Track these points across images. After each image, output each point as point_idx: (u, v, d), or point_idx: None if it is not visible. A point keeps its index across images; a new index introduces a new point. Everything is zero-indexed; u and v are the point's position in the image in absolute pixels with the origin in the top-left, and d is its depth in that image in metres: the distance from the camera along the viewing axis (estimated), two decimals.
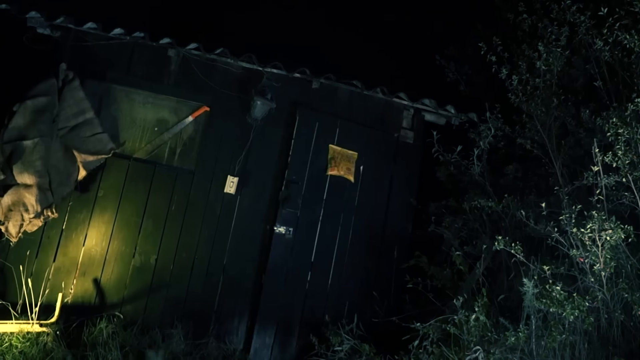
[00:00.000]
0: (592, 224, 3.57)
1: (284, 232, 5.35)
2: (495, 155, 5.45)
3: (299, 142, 5.53)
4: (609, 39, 4.09)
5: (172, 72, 5.57)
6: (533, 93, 4.73)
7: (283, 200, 5.35)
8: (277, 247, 5.36)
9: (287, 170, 5.42)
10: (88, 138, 5.24)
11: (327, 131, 5.63)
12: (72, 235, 5.23)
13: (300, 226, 5.44)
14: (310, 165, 5.53)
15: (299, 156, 5.50)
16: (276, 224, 5.36)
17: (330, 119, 5.64)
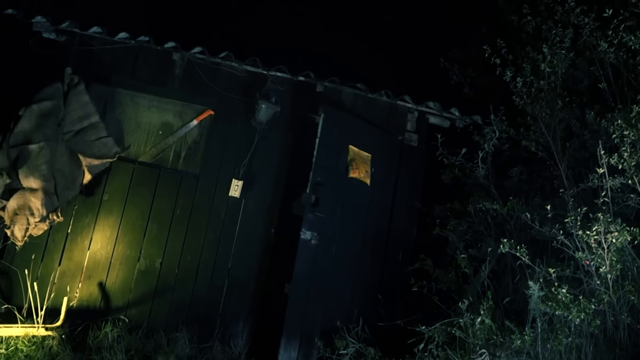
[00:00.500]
0: (598, 226, 3.55)
1: (309, 238, 5.11)
2: (499, 158, 5.43)
3: (323, 142, 5.30)
4: (613, 40, 4.08)
5: (177, 75, 5.58)
6: (537, 95, 4.72)
7: (308, 204, 5.13)
8: (302, 255, 5.08)
9: (312, 172, 5.18)
10: (93, 142, 5.25)
11: (346, 132, 5.48)
12: (78, 239, 5.25)
13: (324, 231, 5.22)
14: (332, 167, 5.35)
15: (322, 157, 5.28)
16: (302, 229, 5.09)
17: (349, 118, 5.54)
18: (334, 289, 5.28)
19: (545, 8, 5.08)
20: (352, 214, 5.43)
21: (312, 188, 5.17)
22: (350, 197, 5.41)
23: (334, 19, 6.52)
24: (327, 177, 5.25)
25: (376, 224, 5.62)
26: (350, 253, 5.40)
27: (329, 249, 5.24)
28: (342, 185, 5.36)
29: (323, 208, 5.17)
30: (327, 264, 5.22)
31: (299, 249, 5.04)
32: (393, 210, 5.73)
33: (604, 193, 3.78)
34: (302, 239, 5.07)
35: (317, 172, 5.21)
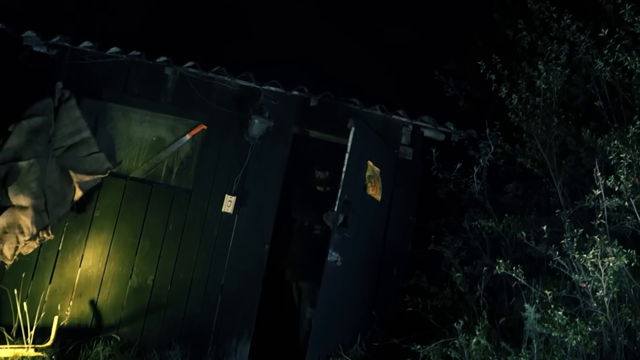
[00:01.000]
0: (595, 250, 3.51)
1: (335, 260, 4.90)
2: (495, 173, 5.39)
3: (353, 157, 5.06)
4: (609, 59, 4.04)
5: (169, 90, 5.52)
6: (533, 112, 4.68)
7: (336, 224, 4.92)
8: (328, 278, 4.85)
9: (340, 189, 4.93)
10: (84, 158, 5.19)
11: (367, 146, 5.31)
12: (69, 256, 5.18)
13: (347, 251, 5.04)
14: (357, 184, 5.19)
15: (350, 173, 5.05)
16: (329, 250, 4.86)
17: (371, 132, 5.41)
18: (345, 308, 5.17)
19: (540, 23, 5.05)
20: (363, 230, 5.34)
21: (340, 206, 4.94)
22: (365, 214, 5.32)
23: (328, 32, 6.46)
24: (353, 195, 5.10)
25: (374, 239, 5.57)
26: (358, 270, 5.33)
27: (348, 268, 5.08)
28: (360, 203, 5.23)
29: (350, 228, 5.03)
30: (344, 284, 5.11)
31: (325, 272, 4.81)
32: (388, 225, 5.69)
33: (600, 215, 3.74)
34: (328, 261, 4.85)
35: (345, 190, 4.98)
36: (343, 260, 5.00)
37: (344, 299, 5.13)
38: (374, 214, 5.47)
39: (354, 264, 5.22)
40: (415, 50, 6.45)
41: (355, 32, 6.53)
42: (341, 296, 5.08)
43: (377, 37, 6.53)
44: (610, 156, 3.83)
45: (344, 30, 6.47)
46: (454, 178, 5.38)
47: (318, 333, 4.84)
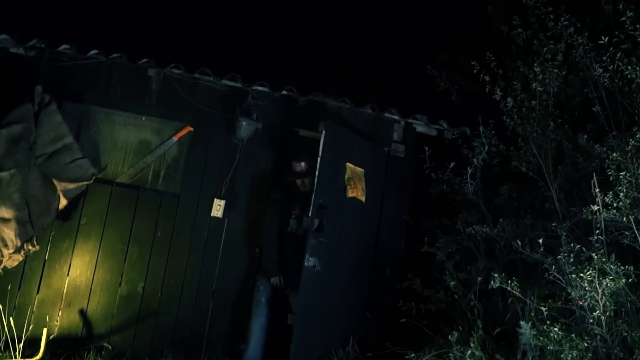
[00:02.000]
0: (592, 270, 3.45)
1: (312, 265, 4.87)
2: (489, 173, 5.29)
3: (325, 161, 4.97)
4: (609, 66, 3.91)
5: (153, 91, 5.35)
6: (529, 115, 4.56)
7: (311, 229, 4.86)
8: (306, 283, 4.83)
9: (314, 195, 4.88)
10: (68, 164, 5.04)
11: (344, 148, 5.20)
12: (56, 265, 5.08)
13: (326, 256, 4.98)
14: (333, 187, 5.08)
15: (324, 177, 4.97)
16: (305, 256, 4.82)
17: (347, 133, 5.26)
18: (331, 311, 5.12)
19: (536, 20, 4.88)
20: (348, 232, 5.26)
21: (314, 212, 4.89)
22: (347, 216, 5.22)
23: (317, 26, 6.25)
24: (329, 199, 5.01)
25: (364, 239, 5.49)
26: (344, 272, 5.25)
27: (329, 272, 5.04)
28: (341, 206, 5.13)
29: (327, 232, 4.95)
30: (326, 288, 5.05)
31: (303, 278, 4.79)
32: (380, 224, 5.60)
33: (598, 231, 3.66)
34: (305, 267, 4.82)
35: (319, 194, 4.91)
36: (323, 264, 4.94)
37: (330, 302, 5.08)
38: (361, 215, 5.37)
39: (340, 267, 5.17)
40: (407, 43, 6.26)
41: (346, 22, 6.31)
42: (325, 300, 5.03)
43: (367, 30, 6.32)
44: (608, 170, 3.73)
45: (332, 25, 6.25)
46: (447, 178, 5.27)
47: (300, 339, 4.79)
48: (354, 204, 5.28)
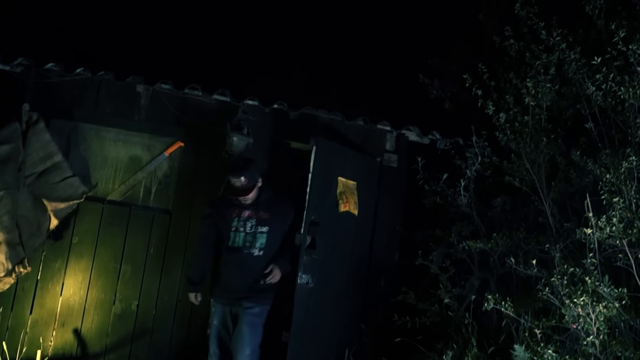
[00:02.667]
0: (585, 296, 3.44)
1: (306, 282, 4.87)
2: (482, 183, 5.27)
3: (316, 177, 4.96)
4: (602, 85, 3.88)
5: (143, 106, 5.28)
6: (522, 130, 4.53)
7: (304, 246, 4.83)
8: (300, 300, 4.84)
9: (306, 211, 4.86)
10: (57, 184, 4.98)
11: (335, 162, 5.17)
12: (48, 285, 5.05)
13: (319, 272, 4.98)
14: (325, 203, 5.06)
15: (315, 193, 4.96)
16: (298, 273, 4.81)
17: (338, 147, 5.22)
18: (326, 325, 5.11)
19: (528, 30, 4.83)
20: (341, 246, 5.24)
21: (306, 228, 4.88)
22: (340, 230, 5.21)
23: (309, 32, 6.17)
24: (321, 215, 4.99)
25: (358, 250, 5.46)
26: (338, 285, 5.23)
27: (322, 287, 5.04)
28: (333, 221, 5.11)
29: (319, 248, 4.93)
30: (320, 303, 5.04)
31: (296, 295, 4.80)
32: (374, 235, 5.57)
33: (592, 254, 3.65)
34: (298, 284, 4.83)
35: (311, 211, 4.91)
36: (316, 280, 4.94)
37: (325, 316, 5.09)
38: (354, 227, 5.35)
39: (333, 280, 5.15)
40: (399, 49, 6.19)
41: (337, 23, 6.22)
42: (320, 315, 5.03)
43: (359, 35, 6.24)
44: (602, 191, 3.71)
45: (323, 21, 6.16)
46: (441, 189, 5.25)
47: (295, 356, 4.79)
48: (347, 217, 5.26)
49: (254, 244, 4.47)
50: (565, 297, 3.71)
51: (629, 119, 3.88)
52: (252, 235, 4.48)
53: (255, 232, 4.49)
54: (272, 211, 4.54)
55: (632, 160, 3.61)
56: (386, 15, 6.28)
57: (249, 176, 4.41)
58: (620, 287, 3.65)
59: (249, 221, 4.52)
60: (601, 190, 3.64)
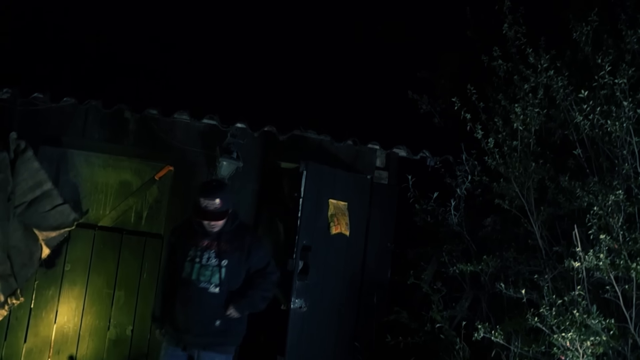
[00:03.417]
0: (574, 332, 3.49)
1: (299, 306, 4.92)
2: (473, 202, 5.29)
3: (308, 201, 5.00)
4: (589, 115, 3.88)
5: (131, 131, 5.26)
6: (511, 154, 4.54)
7: (296, 271, 4.85)
8: (294, 325, 4.90)
9: (298, 236, 4.92)
10: (48, 212, 4.96)
11: (326, 184, 5.19)
12: (42, 313, 5.07)
13: (312, 295, 5.03)
14: (316, 226, 5.10)
15: (306, 217, 5.01)
16: (292, 299, 4.86)
17: (328, 170, 5.24)
18: (320, 346, 5.18)
19: (517, 50, 4.81)
20: (333, 267, 5.29)
21: (298, 253, 4.92)
22: (332, 252, 5.25)
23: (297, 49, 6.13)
24: (312, 239, 5.03)
25: (350, 268, 5.50)
26: (331, 306, 5.29)
27: (315, 310, 5.09)
28: (325, 244, 5.15)
29: (311, 272, 4.98)
30: (313, 325, 5.10)
31: (290, 320, 4.87)
32: (366, 253, 5.60)
33: (579, 287, 3.70)
34: (292, 309, 4.88)
35: (302, 235, 4.96)
36: (309, 304, 4.99)
37: (319, 337, 5.15)
38: (346, 246, 5.39)
39: (326, 301, 5.21)
40: (388, 62, 6.17)
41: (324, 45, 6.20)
42: (313, 336, 5.09)
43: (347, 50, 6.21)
44: (589, 223, 3.74)
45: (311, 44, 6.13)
46: (431, 208, 5.27)
47: None
48: (339, 238, 5.29)
49: (210, 278, 3.89)
50: (555, 326, 3.75)
51: (616, 149, 3.89)
52: (208, 269, 3.90)
53: (213, 265, 3.91)
54: (235, 244, 3.98)
55: (619, 194, 3.63)
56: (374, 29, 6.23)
57: (224, 199, 3.89)
58: (609, 316, 3.71)
59: (207, 252, 3.94)
60: (589, 215, 3.67)
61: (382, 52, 6.19)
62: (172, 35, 5.76)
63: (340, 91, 5.90)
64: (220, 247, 3.95)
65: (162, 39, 5.71)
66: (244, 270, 4.02)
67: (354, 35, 6.17)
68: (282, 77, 5.87)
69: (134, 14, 5.72)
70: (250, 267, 4.03)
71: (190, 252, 3.96)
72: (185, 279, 3.92)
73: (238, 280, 4.00)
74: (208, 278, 3.90)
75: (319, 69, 5.99)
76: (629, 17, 4.23)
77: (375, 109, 5.90)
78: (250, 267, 4.03)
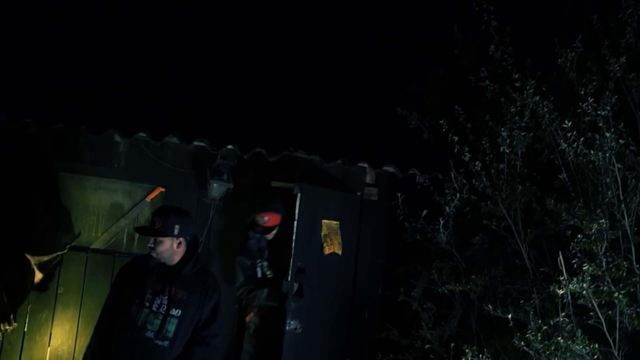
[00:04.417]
0: (559, 358, 3.57)
1: (294, 327, 4.97)
2: (462, 219, 5.35)
3: (301, 223, 5.05)
4: (573, 143, 3.94)
5: (122, 153, 5.29)
6: (498, 176, 4.60)
7: (291, 293, 4.92)
8: (289, 347, 4.95)
9: (292, 258, 4.97)
10: (40, 237, 5.00)
11: (319, 205, 5.24)
12: (36, 337, 5.11)
13: (307, 315, 5.09)
14: (310, 247, 5.15)
15: (301, 239, 5.06)
16: (287, 320, 4.92)
17: (321, 190, 5.29)
18: None
19: (504, 71, 4.85)
20: (326, 286, 5.35)
21: (293, 276, 4.99)
22: (325, 271, 5.31)
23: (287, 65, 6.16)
24: (307, 260, 5.10)
25: (342, 285, 5.55)
26: (325, 324, 5.35)
27: (309, 329, 5.15)
28: (319, 264, 5.22)
29: (306, 294, 5.05)
30: (307, 344, 5.16)
31: (285, 341, 4.92)
32: (357, 269, 5.65)
33: (564, 314, 3.77)
34: (287, 330, 4.94)
35: (297, 257, 5.02)
36: (304, 325, 5.05)
37: (312, 357, 5.21)
38: (338, 264, 5.45)
39: (320, 320, 5.27)
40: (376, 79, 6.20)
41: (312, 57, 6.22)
42: (307, 356, 5.15)
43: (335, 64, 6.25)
44: (573, 250, 3.81)
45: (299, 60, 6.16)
46: (421, 226, 5.32)
47: None
48: (331, 256, 5.35)
49: (160, 330, 3.42)
50: (541, 351, 3.84)
51: (600, 176, 3.95)
52: (158, 317, 3.45)
53: (163, 313, 3.46)
54: (192, 293, 3.54)
55: (602, 223, 3.70)
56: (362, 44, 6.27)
57: (165, 221, 3.47)
58: (594, 339, 3.80)
59: (159, 297, 3.48)
60: (573, 243, 3.74)
61: (371, 67, 6.22)
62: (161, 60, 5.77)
63: (329, 108, 5.93)
64: (175, 294, 3.49)
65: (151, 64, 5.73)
66: (194, 323, 3.56)
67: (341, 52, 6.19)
68: (270, 97, 5.90)
69: (122, 39, 5.75)
70: (200, 319, 3.58)
71: (139, 294, 3.50)
72: (129, 322, 3.47)
73: (187, 335, 3.54)
74: (156, 328, 3.43)
75: (307, 87, 6.02)
76: (612, 41, 4.27)
77: (364, 126, 5.93)
78: (200, 319, 3.58)
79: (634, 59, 4.19)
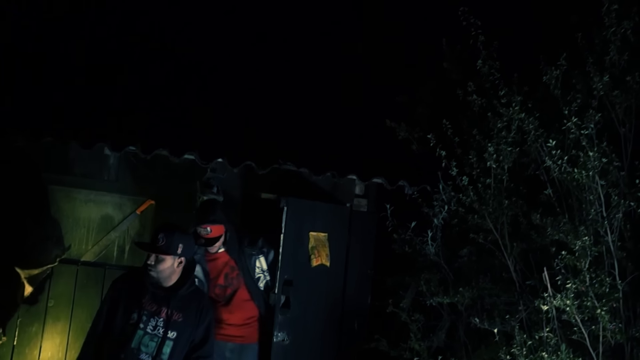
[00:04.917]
0: None
1: (282, 339, 5.02)
2: (450, 231, 5.40)
3: (288, 236, 5.12)
4: (557, 161, 3.99)
5: (112, 166, 5.32)
6: (485, 191, 4.66)
7: (278, 305, 4.97)
8: (277, 357, 4.99)
9: (279, 271, 5.03)
10: (30, 250, 5.01)
11: (306, 218, 5.31)
12: (25, 350, 5.13)
13: (294, 327, 5.14)
14: (297, 260, 5.21)
15: (288, 252, 5.13)
16: (275, 332, 4.97)
17: (308, 203, 5.34)
18: None
19: (491, 86, 4.91)
20: (315, 297, 5.40)
21: (280, 288, 5.04)
22: (313, 283, 5.35)
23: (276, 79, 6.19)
24: (294, 272, 5.16)
25: (331, 296, 5.59)
26: (314, 336, 5.38)
27: (297, 341, 5.19)
28: (306, 276, 5.27)
29: (293, 305, 5.11)
30: (295, 356, 5.21)
31: (273, 354, 4.96)
32: (346, 280, 5.68)
33: (548, 329, 3.84)
34: (275, 342, 4.99)
35: (284, 270, 5.08)
36: (291, 337, 5.10)
37: None
38: (326, 275, 5.49)
39: (308, 332, 5.31)
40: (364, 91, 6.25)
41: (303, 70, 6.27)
42: None
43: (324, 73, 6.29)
44: (557, 266, 3.87)
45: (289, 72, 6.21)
46: (409, 238, 5.37)
47: None
48: (319, 268, 5.39)
49: (155, 352, 3.39)
50: None
51: (584, 193, 4.01)
52: (153, 339, 3.41)
53: (160, 336, 3.42)
54: (187, 312, 3.53)
55: (585, 240, 3.76)
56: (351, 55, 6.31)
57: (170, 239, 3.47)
58: (578, 352, 3.88)
59: (154, 319, 3.43)
60: (557, 260, 3.81)
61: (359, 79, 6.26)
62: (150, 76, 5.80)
63: (318, 121, 5.96)
64: (171, 316, 3.46)
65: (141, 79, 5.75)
66: (188, 344, 3.57)
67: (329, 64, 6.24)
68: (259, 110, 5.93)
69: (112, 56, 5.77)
70: (194, 340, 3.59)
71: (134, 315, 3.43)
72: (121, 343, 3.40)
73: (181, 357, 3.53)
74: (151, 350, 3.38)
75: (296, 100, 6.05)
76: (596, 58, 4.33)
77: (353, 139, 5.97)
78: (194, 340, 3.59)
79: (617, 75, 4.24)
